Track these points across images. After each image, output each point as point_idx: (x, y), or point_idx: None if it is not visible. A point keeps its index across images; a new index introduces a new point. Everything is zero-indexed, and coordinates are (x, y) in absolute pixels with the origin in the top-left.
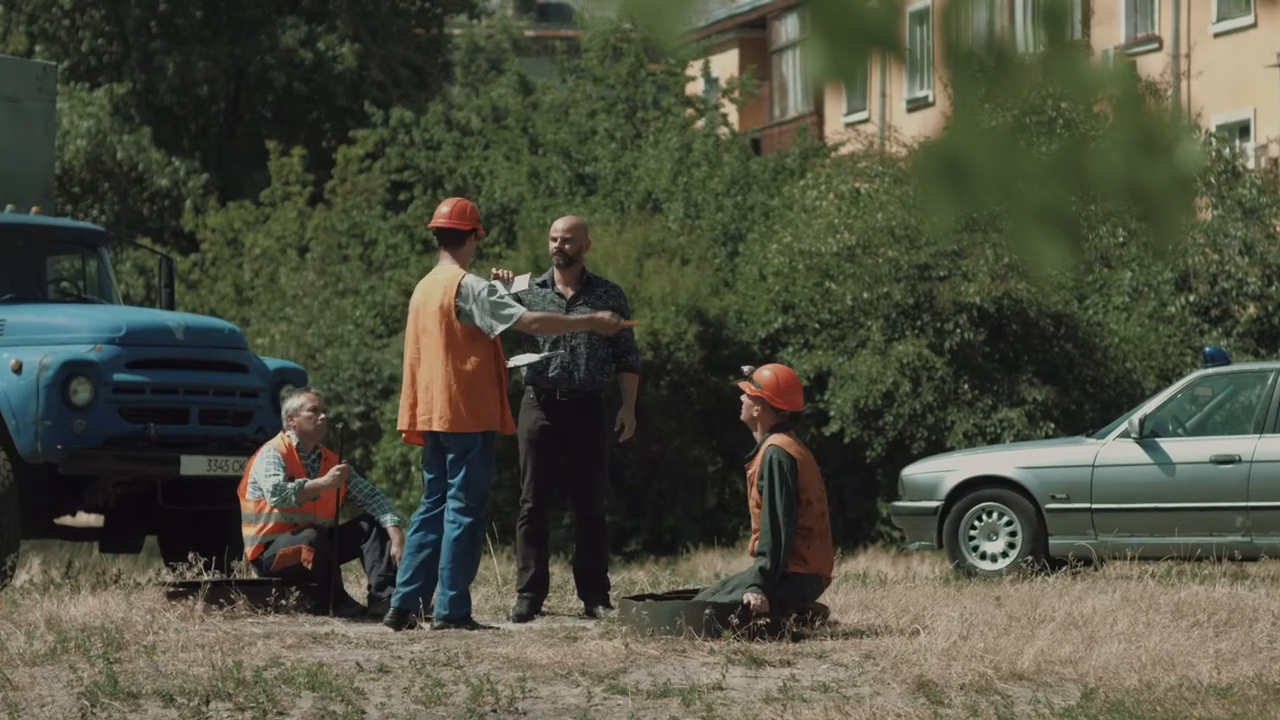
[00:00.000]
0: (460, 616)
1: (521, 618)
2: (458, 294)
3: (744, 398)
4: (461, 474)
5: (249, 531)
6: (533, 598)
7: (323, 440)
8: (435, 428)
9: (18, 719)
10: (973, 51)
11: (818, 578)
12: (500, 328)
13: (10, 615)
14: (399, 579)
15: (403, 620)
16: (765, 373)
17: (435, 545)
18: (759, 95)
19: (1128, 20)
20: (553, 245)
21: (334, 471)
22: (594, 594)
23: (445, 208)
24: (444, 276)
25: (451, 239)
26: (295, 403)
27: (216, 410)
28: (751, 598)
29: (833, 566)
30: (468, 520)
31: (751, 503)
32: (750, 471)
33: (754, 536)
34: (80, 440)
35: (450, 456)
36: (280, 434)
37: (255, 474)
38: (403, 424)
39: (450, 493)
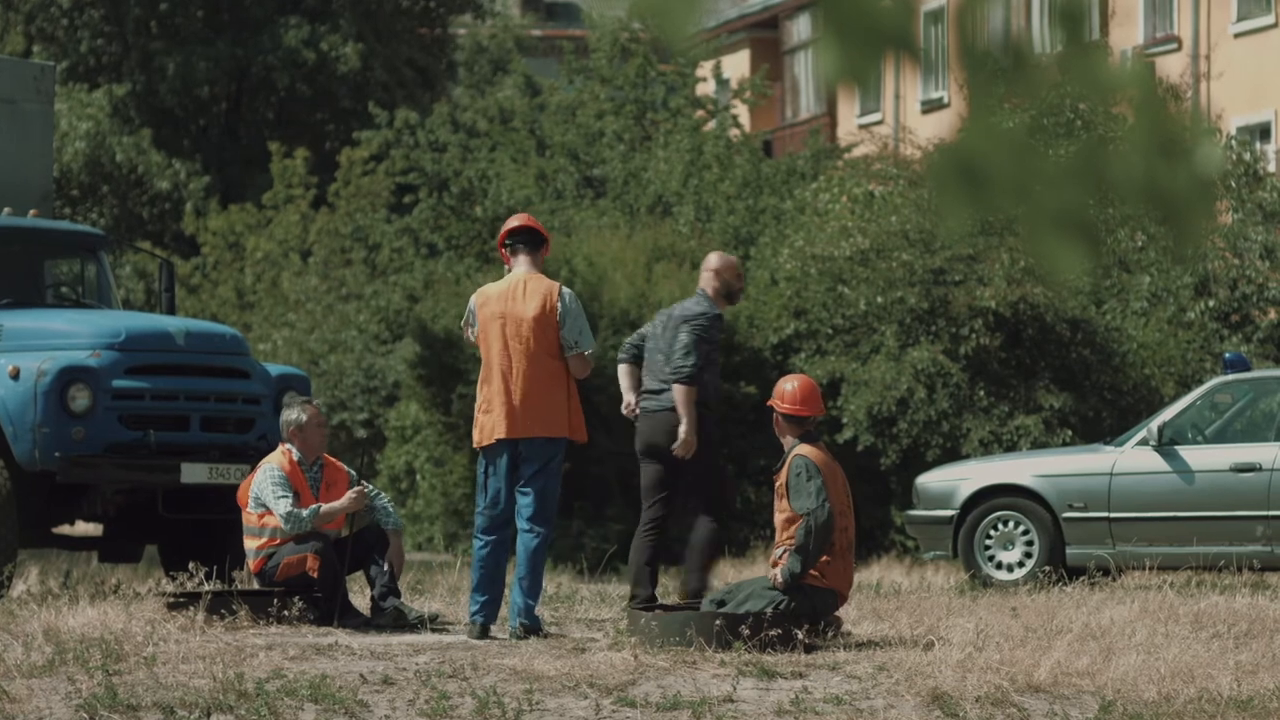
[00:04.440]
0: (540, 627)
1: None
2: (560, 301)
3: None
4: (541, 484)
5: (251, 545)
6: (643, 595)
7: (325, 449)
8: (537, 434)
9: None
10: (989, 52)
11: (833, 593)
12: (586, 348)
13: (8, 626)
14: (475, 594)
15: (486, 634)
16: (784, 384)
17: (504, 558)
18: (771, 96)
19: (1146, 20)
20: (718, 281)
21: (351, 495)
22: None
23: (518, 219)
24: (537, 285)
25: (535, 242)
26: (297, 417)
27: (218, 417)
28: (778, 575)
29: (851, 585)
30: (543, 530)
31: (776, 514)
32: (778, 483)
33: (775, 547)
34: (79, 448)
35: (532, 467)
36: (280, 448)
37: (261, 494)
38: (500, 433)
39: (528, 503)
